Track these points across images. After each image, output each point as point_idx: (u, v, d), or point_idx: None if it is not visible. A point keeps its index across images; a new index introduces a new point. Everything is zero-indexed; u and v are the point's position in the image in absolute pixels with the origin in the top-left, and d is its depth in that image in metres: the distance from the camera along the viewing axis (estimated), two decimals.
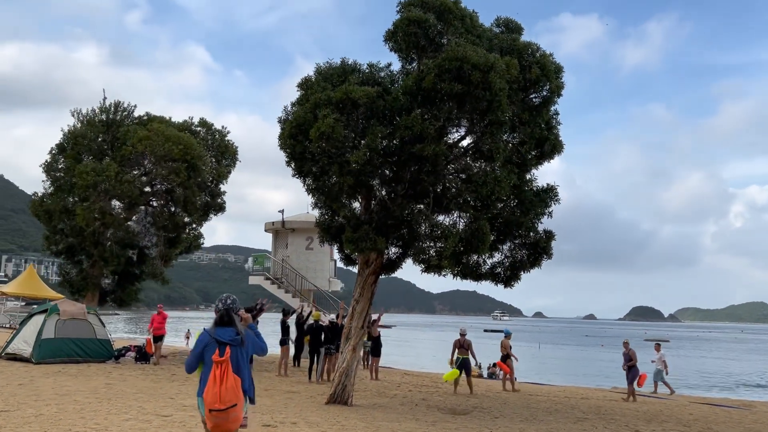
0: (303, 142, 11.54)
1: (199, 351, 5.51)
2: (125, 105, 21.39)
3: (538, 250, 13.34)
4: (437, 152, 10.85)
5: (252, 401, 5.65)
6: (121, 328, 73.76)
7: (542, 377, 29.57)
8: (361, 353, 19.45)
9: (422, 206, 11.96)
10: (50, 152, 21.13)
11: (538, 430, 11.25)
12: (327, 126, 10.84)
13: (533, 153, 13.46)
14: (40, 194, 20.86)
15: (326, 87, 11.77)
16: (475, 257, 13.61)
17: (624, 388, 19.09)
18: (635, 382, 17.73)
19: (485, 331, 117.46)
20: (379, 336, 19.74)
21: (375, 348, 19.30)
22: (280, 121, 12.68)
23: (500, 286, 13.56)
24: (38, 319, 17.89)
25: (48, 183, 20.45)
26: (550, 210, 13.42)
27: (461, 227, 12.41)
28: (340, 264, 16.14)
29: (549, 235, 13.43)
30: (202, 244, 24.06)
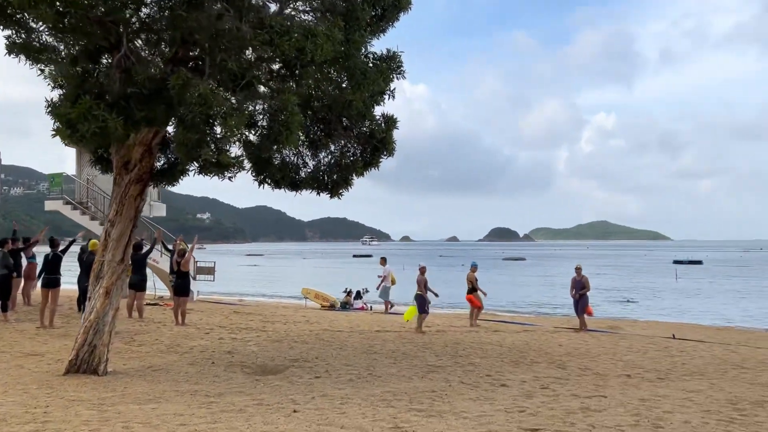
0: None
1: None
2: None
3: (375, 144, 9.48)
4: None
5: None
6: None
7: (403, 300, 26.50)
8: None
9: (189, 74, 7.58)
10: None
11: (364, 399, 7.75)
12: None
13: (369, 9, 9.46)
14: None
15: None
16: (291, 155, 9.64)
17: (572, 318, 17.11)
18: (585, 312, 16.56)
19: (354, 256, 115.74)
20: (188, 272, 15.47)
21: (183, 286, 14.99)
22: None
23: (324, 196, 9.67)
24: None
25: None
26: (392, 89, 9.57)
27: (259, 107, 8.31)
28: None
29: (390, 122, 9.51)
30: None
